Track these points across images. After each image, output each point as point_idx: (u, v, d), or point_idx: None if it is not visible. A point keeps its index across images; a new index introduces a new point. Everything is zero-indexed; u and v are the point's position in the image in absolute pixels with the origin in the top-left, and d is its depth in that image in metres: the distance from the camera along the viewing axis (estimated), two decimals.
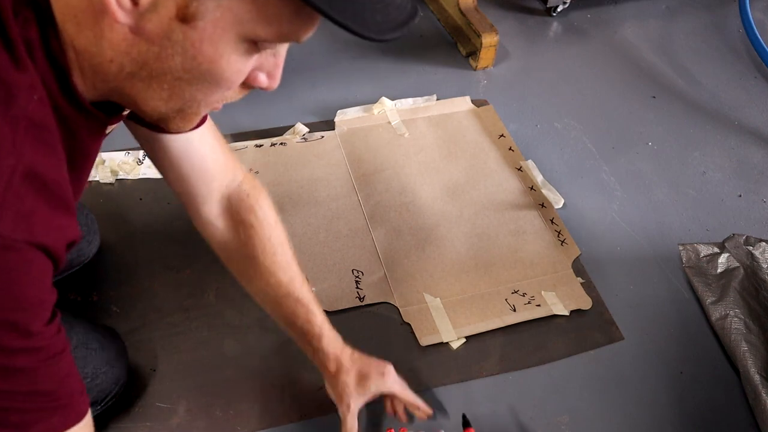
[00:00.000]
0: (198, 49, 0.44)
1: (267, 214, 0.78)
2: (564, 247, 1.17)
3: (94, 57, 0.45)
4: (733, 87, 1.58)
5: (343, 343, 0.83)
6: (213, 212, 0.78)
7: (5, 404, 0.43)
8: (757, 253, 1.12)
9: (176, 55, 0.44)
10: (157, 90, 0.47)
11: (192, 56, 0.44)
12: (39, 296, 0.43)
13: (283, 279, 0.78)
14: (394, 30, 0.44)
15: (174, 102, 0.49)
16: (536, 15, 1.76)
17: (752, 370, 0.96)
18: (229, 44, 0.44)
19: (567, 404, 0.96)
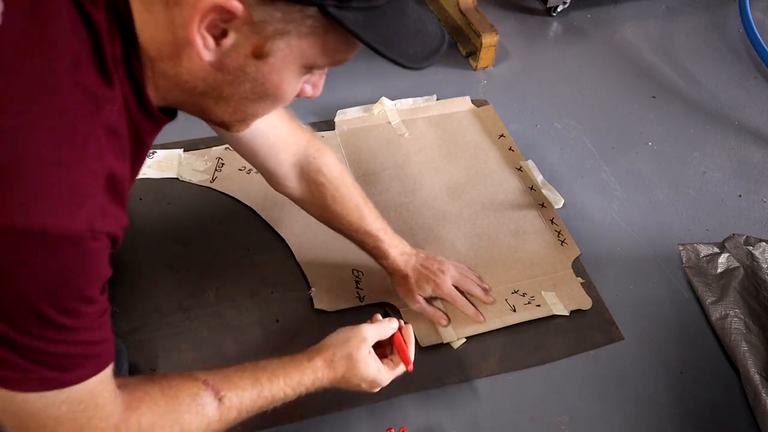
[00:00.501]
0: (266, 78, 0.52)
1: (332, 170, 0.90)
2: (564, 247, 1.17)
3: (170, 78, 0.52)
4: (733, 87, 1.58)
5: (408, 254, 0.99)
6: (287, 178, 0.90)
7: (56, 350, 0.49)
8: (757, 253, 1.12)
9: (247, 82, 0.52)
10: (224, 107, 0.56)
11: (260, 83, 0.52)
12: (105, 274, 0.51)
13: (353, 219, 0.93)
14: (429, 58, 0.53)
15: (238, 115, 0.58)
16: (536, 15, 1.76)
17: (752, 370, 0.96)
18: (292, 72, 0.52)
19: (567, 404, 0.96)
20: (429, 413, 0.93)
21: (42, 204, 0.43)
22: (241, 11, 0.45)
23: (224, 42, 0.48)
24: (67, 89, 0.46)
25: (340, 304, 1.04)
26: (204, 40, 0.47)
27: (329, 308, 1.03)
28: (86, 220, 0.46)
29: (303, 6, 0.46)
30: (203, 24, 0.46)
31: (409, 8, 0.53)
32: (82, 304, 0.49)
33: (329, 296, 1.05)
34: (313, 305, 1.03)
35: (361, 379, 0.79)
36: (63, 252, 0.45)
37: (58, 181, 0.44)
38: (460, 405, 0.95)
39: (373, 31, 0.48)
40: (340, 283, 1.07)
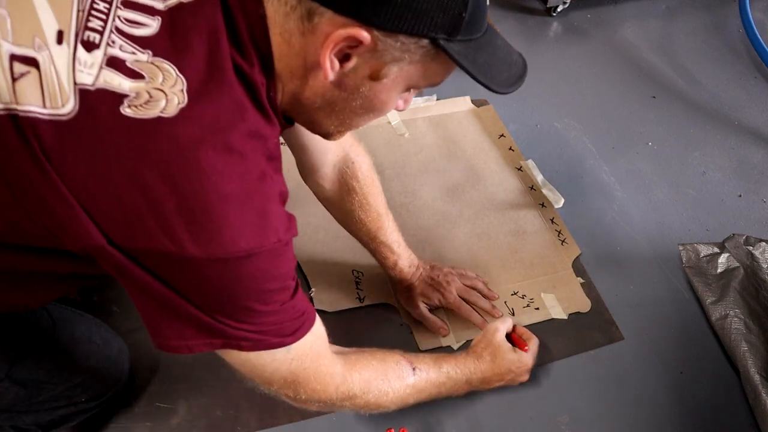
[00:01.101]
0: (376, 96, 0.59)
1: (366, 177, 0.95)
2: (564, 246, 1.17)
3: (295, 95, 0.60)
4: (733, 87, 1.58)
5: (416, 266, 1.03)
6: (324, 177, 0.94)
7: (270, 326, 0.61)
8: (757, 253, 1.12)
9: (359, 99, 0.59)
10: (333, 119, 0.63)
11: (370, 100, 0.60)
12: (294, 263, 0.62)
13: (372, 228, 0.97)
14: (515, 84, 0.63)
15: (342, 127, 0.66)
16: (536, 15, 1.76)
17: (752, 370, 0.96)
18: (397, 92, 0.60)
19: (567, 404, 0.96)
20: (429, 413, 0.93)
21: (242, 233, 0.53)
22: (368, 41, 0.52)
23: (347, 65, 0.55)
24: (242, 138, 0.54)
25: (340, 305, 1.04)
26: (331, 63, 0.54)
27: (329, 308, 1.03)
28: (274, 235, 0.55)
29: (419, 38, 0.53)
30: (334, 50, 0.53)
31: (498, 39, 0.61)
32: (282, 292, 0.60)
33: (329, 296, 1.05)
34: (313, 305, 1.03)
35: (509, 362, 0.90)
36: (263, 262, 0.56)
37: (249, 213, 0.53)
38: (460, 405, 0.95)
39: (472, 61, 0.56)
40: (340, 283, 1.07)
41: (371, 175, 0.96)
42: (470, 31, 0.55)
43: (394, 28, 0.52)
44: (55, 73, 0.49)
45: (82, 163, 0.49)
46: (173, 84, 0.51)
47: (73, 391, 0.79)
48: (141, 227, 0.50)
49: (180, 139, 0.50)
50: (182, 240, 0.50)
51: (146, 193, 0.49)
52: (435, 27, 0.53)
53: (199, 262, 0.52)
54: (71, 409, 0.80)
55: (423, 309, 1.01)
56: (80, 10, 0.51)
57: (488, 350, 0.91)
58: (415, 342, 1.01)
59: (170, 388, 0.93)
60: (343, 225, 1.00)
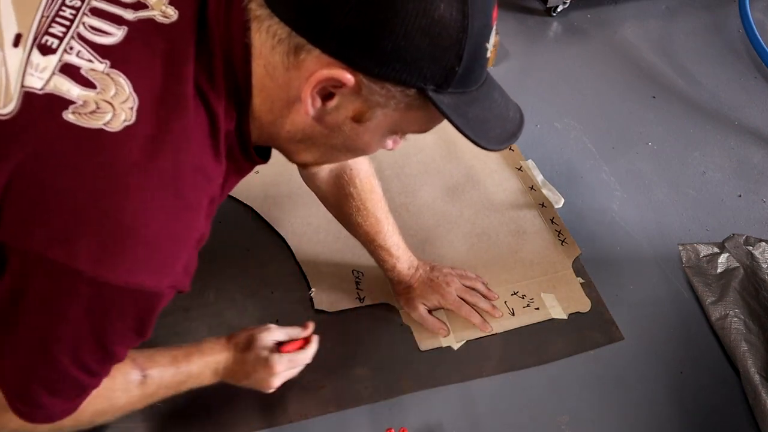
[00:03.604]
0: (358, 137, 0.59)
1: (364, 183, 0.94)
2: (564, 246, 1.17)
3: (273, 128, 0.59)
4: (733, 87, 1.58)
5: (415, 267, 1.01)
6: (321, 180, 0.94)
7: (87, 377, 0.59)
8: (757, 253, 1.12)
9: (340, 137, 0.59)
10: (313, 152, 0.63)
11: (352, 140, 0.59)
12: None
13: (370, 231, 0.96)
14: (506, 141, 0.59)
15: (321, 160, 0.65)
16: (536, 15, 1.76)
17: (752, 370, 0.96)
18: (381, 135, 0.60)
19: (567, 404, 0.96)
20: (429, 413, 0.93)
21: (147, 267, 0.51)
22: (352, 83, 0.52)
23: (329, 103, 0.54)
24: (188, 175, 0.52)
25: (341, 305, 1.04)
26: (313, 100, 0.54)
27: (329, 309, 1.03)
28: (173, 280, 0.54)
29: (406, 87, 0.52)
30: (316, 88, 0.53)
31: (496, 93, 0.59)
32: (137, 337, 0.59)
33: (329, 297, 1.05)
34: (313, 305, 1.03)
35: (259, 361, 0.81)
36: (144, 302, 0.54)
37: (166, 250, 0.52)
38: (460, 405, 0.95)
39: (462, 115, 0.55)
40: (340, 283, 1.07)
41: (370, 181, 0.95)
42: (464, 84, 0.54)
43: (381, 75, 0.51)
44: (5, 74, 0.49)
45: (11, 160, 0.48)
46: (124, 100, 0.50)
47: None
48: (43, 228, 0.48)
49: (117, 158, 0.49)
50: (79, 253, 0.48)
51: (65, 197, 0.48)
52: (424, 78, 0.52)
53: (81, 278, 0.49)
54: None
55: (422, 310, 1.01)
56: (45, 16, 0.52)
57: (245, 340, 0.83)
58: (415, 342, 1.01)
59: None
60: (342, 225, 1.00)
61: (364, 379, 0.96)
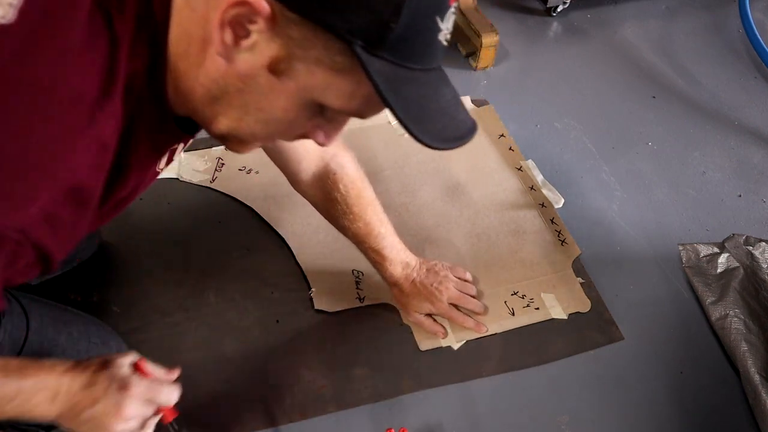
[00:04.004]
0: (275, 97, 0.50)
1: (350, 188, 0.90)
2: (564, 246, 1.17)
3: (189, 79, 0.51)
4: (733, 87, 1.58)
5: (411, 268, 0.99)
6: (304, 184, 0.92)
7: None
8: (757, 253, 1.12)
9: (255, 94, 0.51)
10: (228, 116, 0.54)
11: (268, 101, 0.51)
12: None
13: (359, 234, 0.94)
14: (448, 141, 0.52)
15: (237, 131, 0.55)
16: (536, 15, 1.76)
17: (752, 370, 0.96)
18: (302, 103, 0.51)
19: (567, 404, 0.96)
20: (429, 413, 0.93)
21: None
22: (266, 12, 0.45)
23: (243, 43, 0.47)
24: (65, 99, 0.45)
25: (341, 305, 1.04)
26: (224, 34, 0.47)
27: (329, 309, 1.03)
28: (20, 221, 0.46)
29: (331, 36, 0.45)
30: (227, 16, 0.46)
31: (447, 90, 0.53)
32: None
33: (329, 297, 1.05)
34: (313, 305, 1.03)
35: (111, 379, 0.62)
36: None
37: (16, 179, 0.44)
38: (460, 405, 0.95)
39: (396, 91, 0.46)
40: (340, 283, 1.07)
41: (356, 185, 0.92)
42: (402, 54, 0.47)
43: (302, 11, 0.44)
44: None
45: None
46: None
47: None
48: None
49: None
50: None
51: None
52: (352, 28, 0.44)
53: None
54: None
55: (416, 315, 1.01)
56: None
57: (97, 362, 0.64)
58: (415, 342, 1.01)
59: None
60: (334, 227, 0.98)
61: (364, 379, 0.96)
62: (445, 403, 0.95)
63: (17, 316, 0.73)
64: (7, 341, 0.71)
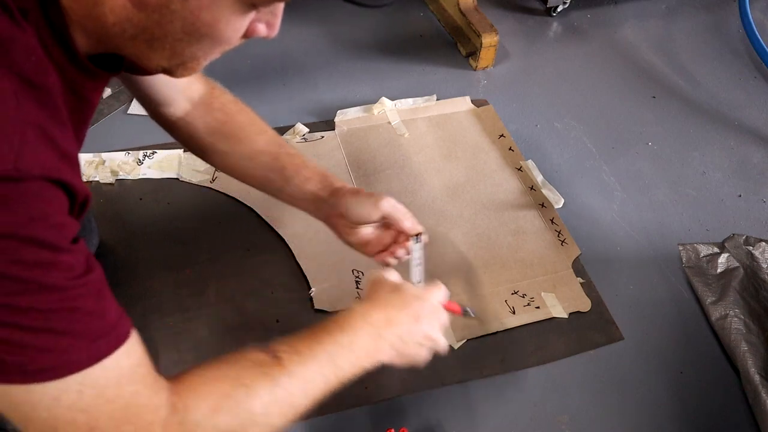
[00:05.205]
0: (197, 17, 0.45)
1: (233, 109, 0.83)
2: (564, 247, 1.17)
3: (95, 20, 0.46)
4: (733, 87, 1.58)
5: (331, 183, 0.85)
6: (178, 113, 0.81)
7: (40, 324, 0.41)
8: (757, 253, 1.12)
9: (176, 21, 0.46)
10: (159, 50, 0.49)
11: (191, 22, 0.46)
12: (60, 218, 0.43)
13: (270, 144, 0.83)
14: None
15: (175, 59, 0.51)
16: (536, 15, 1.76)
17: (752, 370, 0.96)
18: (227, 9, 0.45)
19: (567, 404, 0.96)
20: (429, 413, 0.93)
21: None
22: None
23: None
24: None
25: (340, 305, 1.04)
26: None
27: (329, 308, 1.03)
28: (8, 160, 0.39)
29: None
30: None
31: None
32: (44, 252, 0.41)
33: (329, 296, 1.05)
34: (313, 305, 1.03)
35: (405, 291, 0.69)
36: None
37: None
38: (460, 405, 0.95)
39: None
40: (340, 283, 1.07)
41: (237, 105, 0.84)
42: None
43: None
44: None
45: None
46: None
47: None
48: None
49: None
50: None
51: None
52: None
53: None
54: None
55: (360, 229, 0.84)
56: None
57: (373, 287, 0.71)
58: None
59: None
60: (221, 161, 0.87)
61: (364, 379, 0.95)
62: (445, 403, 0.95)
63: None
64: None
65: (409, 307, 0.68)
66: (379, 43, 1.60)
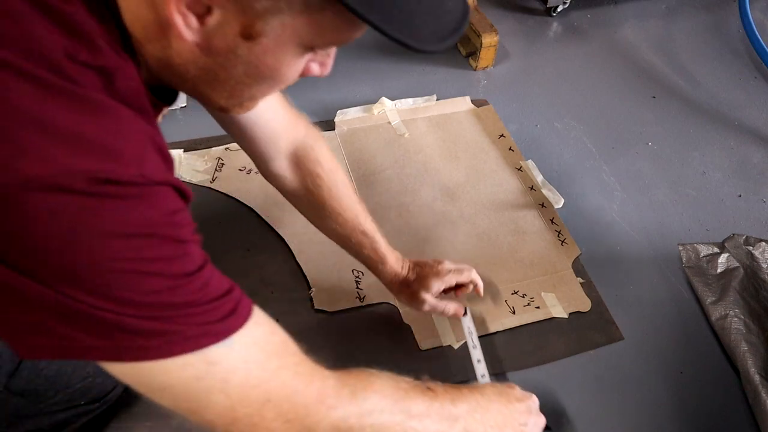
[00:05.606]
0: (261, 61, 0.47)
1: (330, 162, 0.85)
2: (564, 246, 1.17)
3: (160, 61, 0.48)
4: (733, 87, 1.58)
5: (402, 260, 0.93)
6: (282, 167, 0.84)
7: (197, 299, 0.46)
8: (757, 253, 1.12)
9: (240, 65, 0.48)
10: (219, 91, 0.52)
11: (255, 66, 0.48)
12: (181, 215, 0.47)
13: (349, 217, 0.86)
14: (444, 39, 0.46)
15: (234, 100, 0.53)
16: (536, 15, 1.76)
17: (752, 370, 0.96)
18: (290, 53, 0.47)
19: (567, 404, 0.96)
20: None
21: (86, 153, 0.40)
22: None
23: (208, 21, 0.44)
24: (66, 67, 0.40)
25: (341, 304, 1.04)
26: (185, 18, 0.43)
27: (329, 308, 1.03)
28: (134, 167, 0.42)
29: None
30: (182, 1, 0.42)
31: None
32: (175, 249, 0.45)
33: (329, 296, 1.05)
34: (313, 305, 1.03)
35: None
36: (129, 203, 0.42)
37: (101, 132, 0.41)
38: None
39: (378, 8, 0.41)
40: (340, 283, 1.07)
41: (333, 160, 0.87)
42: None
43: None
44: None
45: None
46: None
47: (72, 395, 0.78)
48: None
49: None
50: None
51: None
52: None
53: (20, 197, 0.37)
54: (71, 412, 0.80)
55: (430, 300, 0.92)
56: None
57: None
58: (415, 342, 1.01)
59: None
60: (317, 222, 0.90)
61: None
62: None
63: None
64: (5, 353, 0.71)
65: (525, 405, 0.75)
66: (379, 43, 1.60)
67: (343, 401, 0.55)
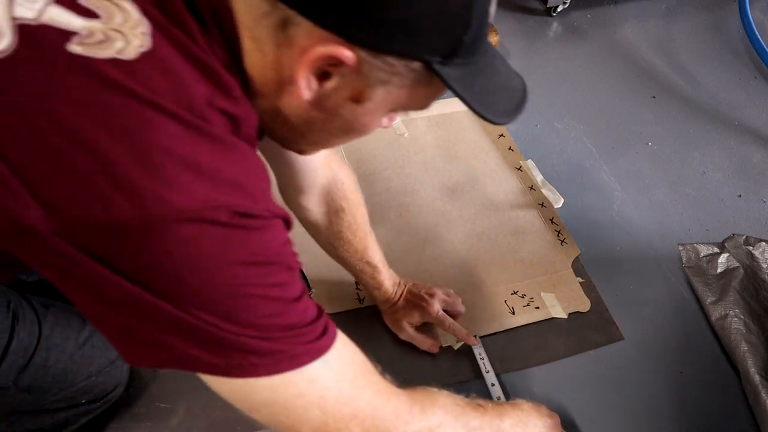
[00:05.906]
0: (357, 120, 0.53)
1: (355, 198, 0.90)
2: (564, 246, 1.17)
3: (268, 109, 0.53)
4: (733, 87, 1.58)
5: (398, 284, 0.99)
6: (311, 201, 0.88)
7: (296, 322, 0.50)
8: (757, 253, 1.12)
9: (338, 121, 0.53)
10: (309, 139, 0.58)
11: (350, 122, 0.54)
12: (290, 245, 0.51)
13: (359, 248, 0.92)
14: (513, 113, 0.55)
15: (318, 146, 0.61)
16: (536, 15, 1.76)
17: (752, 370, 0.96)
18: (381, 115, 0.54)
19: (567, 404, 0.96)
20: None
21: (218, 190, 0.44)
22: (352, 61, 0.46)
23: (326, 84, 0.49)
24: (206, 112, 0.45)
25: (340, 306, 1.04)
26: (308, 81, 0.48)
27: (329, 309, 1.03)
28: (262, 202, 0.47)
29: (410, 60, 0.47)
30: (311, 68, 0.47)
31: (497, 62, 0.56)
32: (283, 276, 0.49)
33: (329, 297, 1.05)
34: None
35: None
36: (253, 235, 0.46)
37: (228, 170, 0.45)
38: None
39: (468, 87, 0.50)
40: (340, 284, 1.07)
41: (358, 195, 0.92)
42: (469, 54, 0.49)
43: (383, 49, 0.46)
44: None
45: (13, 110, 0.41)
46: (135, 26, 0.43)
47: (75, 393, 0.79)
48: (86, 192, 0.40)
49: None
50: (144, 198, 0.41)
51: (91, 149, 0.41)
52: (430, 50, 0.47)
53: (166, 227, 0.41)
54: (72, 411, 0.80)
55: (409, 330, 0.98)
56: None
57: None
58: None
59: (170, 388, 0.93)
60: (327, 248, 0.95)
61: None
62: None
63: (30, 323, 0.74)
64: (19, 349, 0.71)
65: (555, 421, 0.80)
66: None
67: (416, 417, 0.60)
